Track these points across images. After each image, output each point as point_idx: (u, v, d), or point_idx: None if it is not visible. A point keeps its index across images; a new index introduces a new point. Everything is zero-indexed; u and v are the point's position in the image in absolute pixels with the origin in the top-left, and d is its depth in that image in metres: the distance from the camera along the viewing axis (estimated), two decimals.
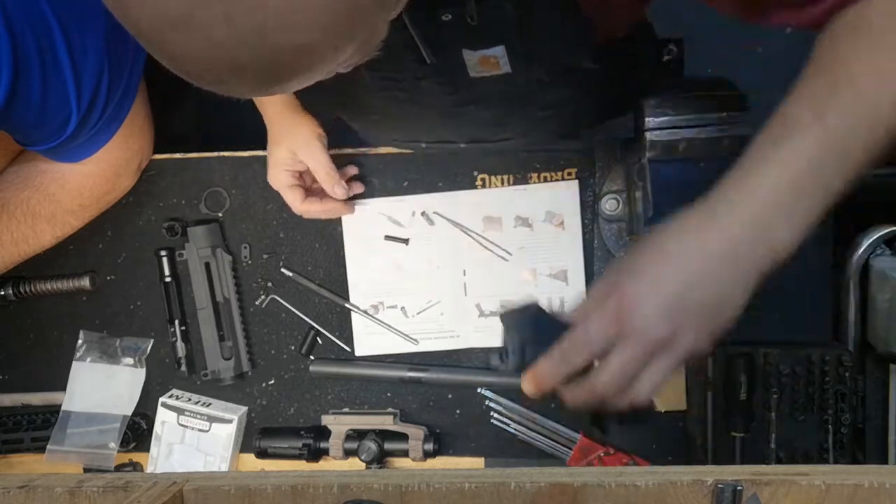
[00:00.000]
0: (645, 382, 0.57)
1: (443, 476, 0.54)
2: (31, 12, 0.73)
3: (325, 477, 0.55)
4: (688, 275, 0.56)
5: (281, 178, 0.98)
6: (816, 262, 0.97)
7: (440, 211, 1.02)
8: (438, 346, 1.04)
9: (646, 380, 0.57)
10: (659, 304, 0.56)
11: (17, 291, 1.07)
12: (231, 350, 1.06)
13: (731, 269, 0.56)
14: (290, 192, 0.98)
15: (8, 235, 0.94)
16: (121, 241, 1.08)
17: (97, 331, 1.10)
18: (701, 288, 0.56)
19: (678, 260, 0.56)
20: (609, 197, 0.99)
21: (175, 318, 1.07)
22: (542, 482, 0.52)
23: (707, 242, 0.56)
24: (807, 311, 0.98)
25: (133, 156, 0.99)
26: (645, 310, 0.56)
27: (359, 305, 1.05)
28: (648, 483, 0.51)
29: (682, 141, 0.75)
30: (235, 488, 0.55)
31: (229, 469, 1.06)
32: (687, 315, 0.56)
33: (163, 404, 1.08)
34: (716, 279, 0.56)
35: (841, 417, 0.91)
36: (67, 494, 0.55)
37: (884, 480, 0.50)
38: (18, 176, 0.96)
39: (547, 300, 1.01)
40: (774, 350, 0.93)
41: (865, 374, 0.93)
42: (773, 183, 0.55)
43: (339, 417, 1.05)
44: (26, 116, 0.78)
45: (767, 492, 0.51)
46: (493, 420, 1.03)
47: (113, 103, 0.87)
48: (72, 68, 0.77)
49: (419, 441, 1.02)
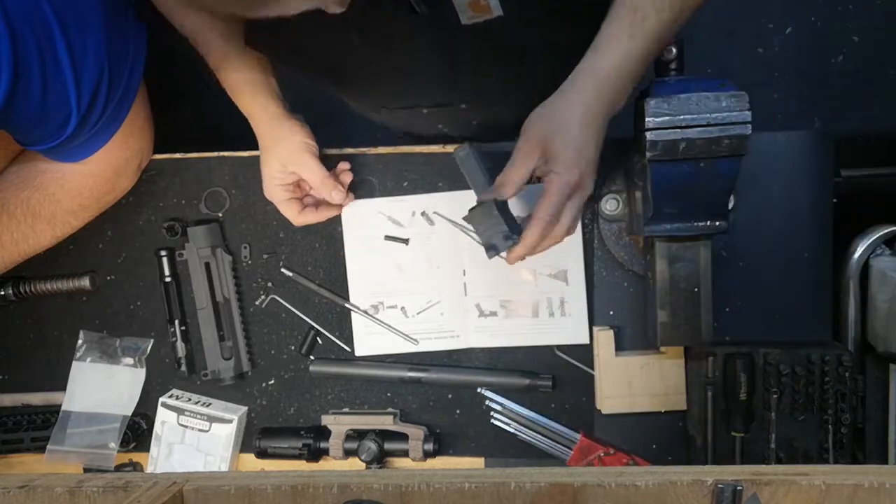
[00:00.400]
0: (576, 222, 0.81)
1: (443, 476, 0.54)
2: (31, 12, 0.73)
3: (325, 477, 0.55)
4: (585, 140, 0.76)
5: (275, 193, 0.97)
6: (816, 262, 0.97)
7: (440, 211, 1.02)
8: (438, 346, 1.04)
9: (577, 220, 0.81)
10: (591, 167, 0.78)
11: (17, 291, 1.07)
12: (231, 350, 1.06)
13: (602, 128, 0.79)
14: (287, 206, 0.98)
15: (8, 235, 0.94)
16: (121, 241, 1.08)
17: (97, 331, 1.10)
18: (593, 147, 0.77)
19: (576, 132, 0.76)
20: (609, 197, 0.99)
21: (175, 318, 1.07)
22: (542, 482, 0.52)
23: (591, 114, 0.76)
24: (807, 311, 0.98)
25: (133, 156, 0.99)
26: (587, 178, 0.77)
27: (359, 305, 1.05)
28: (648, 483, 0.51)
29: (682, 141, 0.75)
30: (235, 488, 0.55)
31: (229, 469, 1.06)
32: (592, 168, 0.78)
33: (163, 404, 1.08)
34: (597, 139, 0.78)
35: (841, 417, 0.92)
36: (67, 494, 0.55)
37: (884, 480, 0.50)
38: (18, 176, 0.96)
39: (547, 300, 1.01)
40: (774, 350, 0.93)
41: (865, 374, 0.93)
42: (613, 68, 0.76)
43: (339, 417, 1.05)
44: (26, 116, 0.78)
45: (767, 492, 0.51)
46: (493, 420, 1.03)
47: (113, 103, 0.87)
48: (72, 68, 0.77)
49: (419, 441, 1.02)
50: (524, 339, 1.03)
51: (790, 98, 1.82)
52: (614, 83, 0.76)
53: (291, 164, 0.94)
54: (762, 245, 0.98)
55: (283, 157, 0.94)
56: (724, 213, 0.82)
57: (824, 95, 1.79)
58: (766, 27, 1.76)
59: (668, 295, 0.87)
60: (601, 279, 1.01)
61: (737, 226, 0.97)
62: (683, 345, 0.94)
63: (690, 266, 0.87)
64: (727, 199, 0.83)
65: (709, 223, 0.83)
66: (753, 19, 1.76)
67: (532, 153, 0.77)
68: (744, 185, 0.97)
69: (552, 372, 1.02)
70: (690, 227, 0.83)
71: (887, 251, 0.98)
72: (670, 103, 0.75)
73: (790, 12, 1.77)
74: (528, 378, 1.01)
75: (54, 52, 0.75)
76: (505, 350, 1.04)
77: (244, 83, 0.93)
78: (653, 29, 0.76)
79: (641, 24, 0.75)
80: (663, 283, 0.87)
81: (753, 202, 0.97)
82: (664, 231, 0.84)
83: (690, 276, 0.87)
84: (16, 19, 0.70)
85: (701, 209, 0.82)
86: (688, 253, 0.86)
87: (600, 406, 1.00)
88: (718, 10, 1.76)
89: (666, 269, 0.87)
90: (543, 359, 1.03)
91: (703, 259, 0.86)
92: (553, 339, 1.02)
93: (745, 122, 0.74)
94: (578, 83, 0.77)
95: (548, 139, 0.76)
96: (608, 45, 0.76)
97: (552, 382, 1.01)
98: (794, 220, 0.97)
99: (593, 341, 1.00)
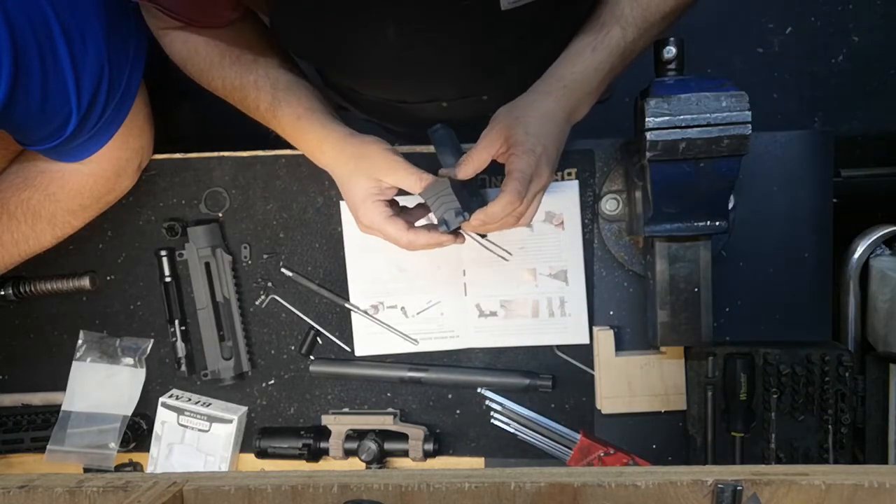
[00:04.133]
0: (534, 210, 0.84)
1: (443, 476, 0.54)
2: (31, 12, 0.73)
3: (325, 477, 0.55)
4: (545, 132, 0.80)
5: (374, 213, 0.83)
6: (816, 262, 0.97)
7: None
8: (438, 346, 1.04)
9: (535, 208, 0.84)
10: (548, 159, 0.80)
11: (17, 291, 1.07)
12: (231, 350, 1.06)
13: (563, 130, 0.83)
14: (391, 224, 0.83)
15: (8, 236, 0.94)
16: (121, 241, 1.08)
17: (97, 331, 1.10)
18: (551, 141, 0.80)
19: (536, 126, 0.80)
20: (609, 197, 0.99)
21: (175, 318, 1.07)
22: (542, 482, 0.52)
23: (552, 113, 0.81)
24: (807, 311, 0.98)
25: (133, 155, 0.99)
26: (543, 166, 0.79)
27: (359, 305, 1.05)
28: (648, 483, 0.51)
29: (682, 141, 0.75)
30: (235, 488, 0.55)
31: (229, 469, 1.06)
32: (549, 161, 0.80)
33: (163, 404, 1.08)
34: (556, 136, 0.81)
35: (841, 417, 0.92)
36: (67, 494, 0.55)
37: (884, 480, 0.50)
38: (18, 176, 0.96)
39: (547, 300, 1.01)
40: (774, 350, 0.93)
41: (865, 374, 0.93)
42: (575, 78, 0.82)
43: (339, 417, 1.05)
44: (27, 116, 0.78)
45: (767, 492, 0.51)
46: (493, 420, 1.03)
47: (113, 103, 0.87)
48: (72, 68, 0.77)
49: (419, 441, 1.02)
50: (524, 339, 1.03)
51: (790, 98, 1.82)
52: (574, 91, 0.82)
53: (383, 174, 0.82)
54: (762, 245, 0.98)
55: (372, 170, 0.83)
56: (724, 213, 0.82)
57: (824, 95, 1.79)
58: (766, 27, 1.77)
59: (668, 295, 0.87)
60: (601, 279, 1.01)
61: (737, 226, 0.97)
62: (683, 345, 0.94)
63: (690, 266, 0.87)
64: (727, 199, 0.83)
65: (709, 223, 0.83)
66: (753, 19, 1.76)
67: (495, 140, 0.80)
68: (744, 185, 0.97)
69: (552, 372, 1.02)
70: (690, 227, 0.83)
71: (887, 251, 0.98)
72: (670, 103, 0.75)
73: (790, 12, 1.77)
74: (527, 378, 1.01)
75: (54, 51, 0.75)
76: (505, 350, 1.04)
77: (305, 113, 0.87)
78: (616, 45, 0.81)
79: (605, 39, 0.81)
80: (663, 283, 0.87)
81: (753, 202, 0.98)
82: (664, 231, 0.84)
83: (690, 276, 0.87)
84: (16, 19, 0.70)
85: (701, 209, 0.82)
86: (688, 253, 0.86)
87: (600, 406, 1.00)
88: (719, 10, 1.76)
89: (666, 269, 0.87)
90: (543, 359, 1.03)
91: (703, 259, 0.86)
92: (553, 339, 1.02)
93: (745, 122, 0.74)
94: (543, 85, 0.83)
95: (510, 127, 0.79)
96: (574, 56, 0.83)
97: (552, 382, 1.01)
98: (794, 220, 0.97)
99: (593, 341, 1.00)
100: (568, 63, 0.83)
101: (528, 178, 0.78)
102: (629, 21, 0.81)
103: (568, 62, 0.83)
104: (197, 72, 0.89)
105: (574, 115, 0.84)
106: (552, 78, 0.83)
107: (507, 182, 0.78)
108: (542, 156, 0.79)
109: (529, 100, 0.82)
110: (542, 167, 0.79)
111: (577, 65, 0.82)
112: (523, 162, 0.77)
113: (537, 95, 0.82)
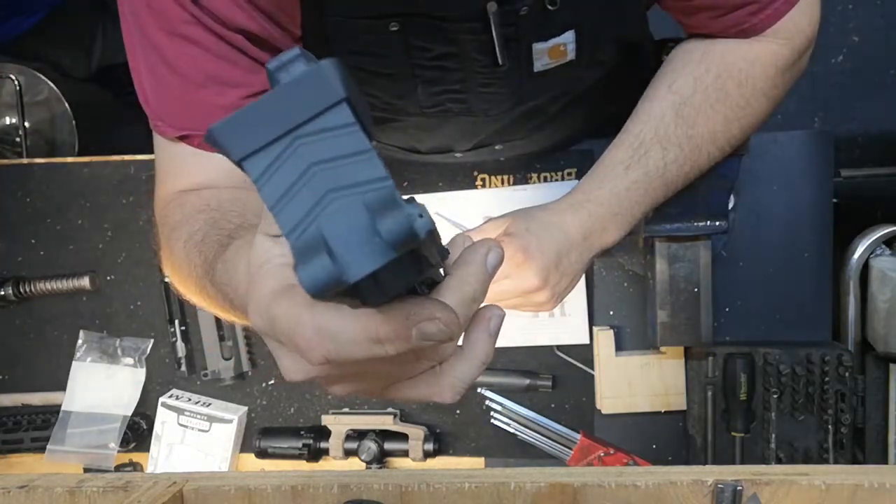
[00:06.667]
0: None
1: (443, 476, 0.54)
2: None
3: (325, 477, 0.55)
4: (553, 244, 0.71)
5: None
6: (816, 262, 0.97)
7: (440, 211, 1.02)
8: None
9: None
10: (544, 272, 0.70)
11: (17, 291, 1.07)
12: (231, 350, 1.06)
13: (576, 247, 0.73)
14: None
15: None
16: (121, 241, 1.08)
17: (97, 331, 1.10)
18: (558, 258, 0.71)
19: (552, 239, 0.71)
20: None
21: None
22: (542, 482, 0.52)
23: (565, 225, 0.72)
24: (807, 311, 0.98)
25: None
26: (532, 274, 0.70)
27: None
28: (648, 483, 0.51)
29: None
30: (235, 488, 0.55)
31: (229, 469, 1.06)
32: (544, 275, 0.71)
33: (163, 404, 1.08)
34: (571, 253, 0.72)
35: (841, 417, 0.91)
36: (67, 494, 0.55)
37: (884, 480, 0.50)
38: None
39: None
40: (774, 350, 0.93)
41: (865, 374, 0.93)
42: (611, 192, 0.72)
43: (339, 417, 1.05)
44: None
45: (767, 492, 0.51)
46: (493, 420, 1.03)
47: None
48: None
49: (419, 441, 1.02)
50: (524, 339, 1.03)
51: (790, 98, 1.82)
52: (597, 209, 0.72)
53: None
54: (762, 245, 0.98)
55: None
56: (724, 213, 0.82)
57: (824, 95, 1.79)
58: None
59: (668, 295, 0.87)
60: (601, 279, 1.01)
61: (737, 226, 0.97)
62: (683, 345, 0.94)
63: (690, 266, 0.87)
64: (727, 199, 0.83)
65: (709, 223, 0.83)
66: None
67: (500, 225, 0.73)
68: (744, 185, 0.97)
69: (552, 372, 1.02)
70: (690, 227, 0.83)
71: (887, 251, 0.98)
72: None
73: None
74: (528, 378, 1.01)
75: None
76: (505, 350, 1.04)
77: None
78: (655, 166, 0.72)
79: (642, 159, 0.72)
80: (663, 283, 0.87)
81: (753, 202, 0.98)
82: (664, 231, 0.84)
83: (690, 276, 0.87)
84: None
85: (701, 209, 0.82)
86: (688, 253, 0.86)
87: (600, 406, 1.00)
88: None
89: (666, 269, 0.87)
90: (543, 359, 1.03)
91: (703, 259, 0.86)
92: (553, 339, 1.02)
93: None
94: (569, 196, 0.75)
95: (515, 221, 0.73)
96: (605, 171, 0.73)
97: (552, 382, 1.01)
98: (794, 220, 0.97)
99: (593, 341, 1.00)
100: (596, 179, 0.74)
101: (494, 265, 0.54)
102: (672, 141, 0.72)
103: (596, 178, 0.74)
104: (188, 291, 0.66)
105: (596, 237, 0.73)
106: (578, 192, 0.74)
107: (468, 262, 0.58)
108: (534, 259, 0.69)
109: (551, 206, 0.75)
110: (527, 271, 0.69)
111: (607, 182, 0.73)
112: (506, 248, 0.67)
113: (559, 204, 0.74)
